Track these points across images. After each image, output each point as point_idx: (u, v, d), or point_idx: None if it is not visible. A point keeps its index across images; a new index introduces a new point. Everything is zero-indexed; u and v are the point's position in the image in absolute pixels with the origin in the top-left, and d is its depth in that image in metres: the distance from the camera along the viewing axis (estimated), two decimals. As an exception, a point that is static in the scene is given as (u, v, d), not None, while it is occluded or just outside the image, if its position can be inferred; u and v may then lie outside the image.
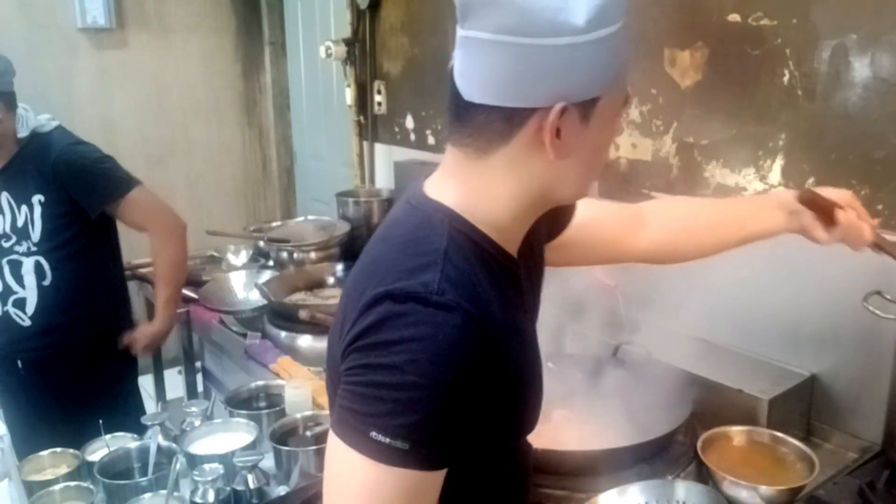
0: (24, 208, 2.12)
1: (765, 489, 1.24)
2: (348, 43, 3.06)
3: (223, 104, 4.08)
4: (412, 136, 2.88)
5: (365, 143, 3.17)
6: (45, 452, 1.59)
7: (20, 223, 2.12)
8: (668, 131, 1.93)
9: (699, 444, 1.37)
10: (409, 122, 2.88)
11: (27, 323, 2.16)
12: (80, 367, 2.21)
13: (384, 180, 3.08)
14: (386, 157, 3.07)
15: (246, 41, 4.07)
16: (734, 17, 1.72)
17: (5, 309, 2.17)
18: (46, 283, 2.14)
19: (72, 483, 1.47)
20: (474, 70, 0.81)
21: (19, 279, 2.14)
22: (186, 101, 3.95)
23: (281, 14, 4.00)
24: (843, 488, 1.31)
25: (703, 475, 1.34)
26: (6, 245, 2.14)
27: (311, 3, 3.66)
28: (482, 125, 0.82)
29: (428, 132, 2.79)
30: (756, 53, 1.69)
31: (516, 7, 0.76)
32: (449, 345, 0.75)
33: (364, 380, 0.76)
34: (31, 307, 2.16)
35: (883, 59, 1.49)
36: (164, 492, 1.39)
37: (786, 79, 1.65)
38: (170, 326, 2.38)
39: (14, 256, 2.13)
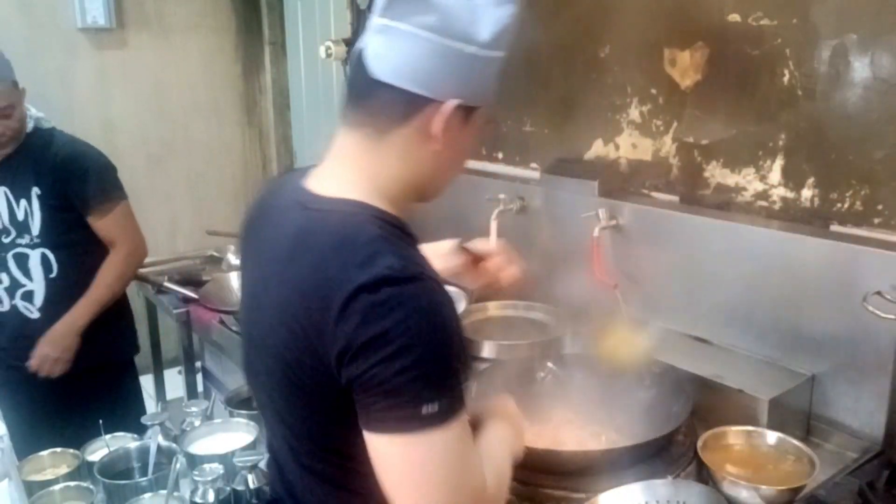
0: (22, 202, 2.13)
1: (765, 489, 1.24)
2: (348, 43, 3.05)
3: (223, 104, 4.08)
4: (412, 136, 2.88)
5: (365, 143, 3.16)
6: (45, 452, 1.58)
7: (20, 217, 2.13)
8: (668, 131, 1.93)
9: (699, 444, 1.37)
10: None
11: (35, 315, 2.18)
12: (85, 362, 2.22)
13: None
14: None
15: (246, 41, 4.07)
16: (734, 17, 1.72)
17: (13, 302, 2.17)
18: (53, 275, 2.16)
19: (72, 483, 1.47)
20: (392, 54, 0.90)
21: (26, 272, 2.15)
22: (186, 101, 3.95)
23: (281, 14, 4.00)
24: (843, 488, 1.31)
25: (703, 475, 1.34)
26: (6, 240, 2.14)
27: (311, 3, 3.66)
28: (385, 104, 0.93)
29: (428, 132, 2.79)
30: (756, 53, 1.69)
31: (439, 11, 0.89)
32: (435, 307, 0.85)
33: (388, 374, 0.82)
34: (38, 299, 2.17)
35: (883, 59, 1.49)
36: (164, 492, 1.39)
37: (786, 79, 1.65)
38: (75, 332, 2.19)
39: (19, 250, 2.14)
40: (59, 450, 1.59)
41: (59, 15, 3.53)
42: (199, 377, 2.86)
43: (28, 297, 2.17)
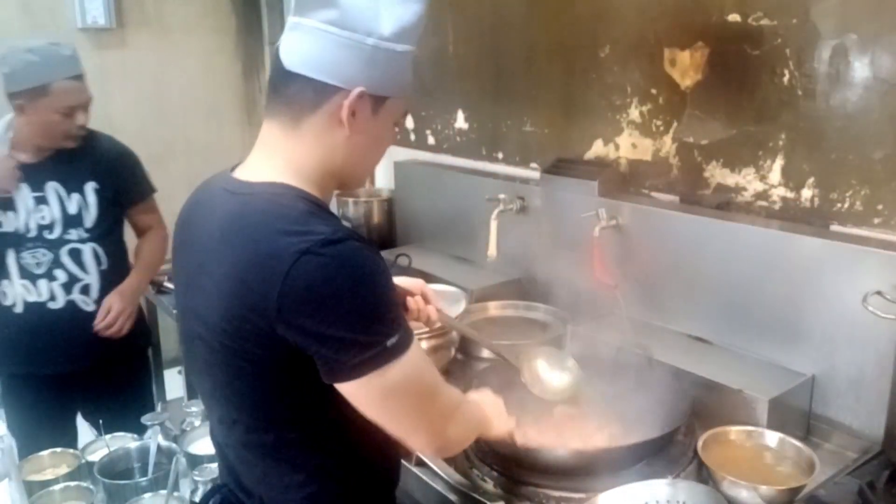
0: (75, 196, 2.14)
1: (765, 489, 1.24)
2: (348, 43, 3.05)
3: (223, 104, 4.08)
4: (412, 136, 2.88)
5: (365, 143, 3.17)
6: (45, 452, 1.59)
7: (72, 211, 2.14)
8: (668, 131, 1.93)
9: (699, 444, 1.37)
10: (409, 122, 2.88)
11: (91, 307, 2.20)
12: (123, 358, 2.31)
13: (384, 180, 3.08)
14: (386, 157, 3.04)
15: (246, 41, 4.07)
16: (734, 17, 1.72)
17: (69, 298, 2.18)
18: (104, 267, 2.21)
19: (72, 483, 1.47)
20: (300, 47, 0.99)
21: (82, 266, 2.17)
22: (186, 101, 3.95)
23: (281, 14, 4.00)
24: (843, 488, 1.31)
25: (703, 475, 1.34)
26: (54, 235, 2.14)
27: (311, 3, 3.66)
28: (297, 93, 1.00)
29: (428, 132, 2.79)
30: (756, 53, 1.69)
31: (340, 7, 0.97)
32: (369, 259, 0.94)
33: (348, 324, 0.92)
34: (94, 292, 2.20)
35: (883, 59, 1.49)
36: (164, 492, 1.39)
37: (786, 79, 1.65)
38: (139, 293, 2.36)
39: (72, 245, 2.16)
40: (59, 450, 1.59)
41: (59, 15, 3.53)
42: (199, 377, 2.86)
43: (86, 290, 2.19)
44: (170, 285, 2.69)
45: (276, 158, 1.04)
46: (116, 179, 2.23)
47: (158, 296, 2.73)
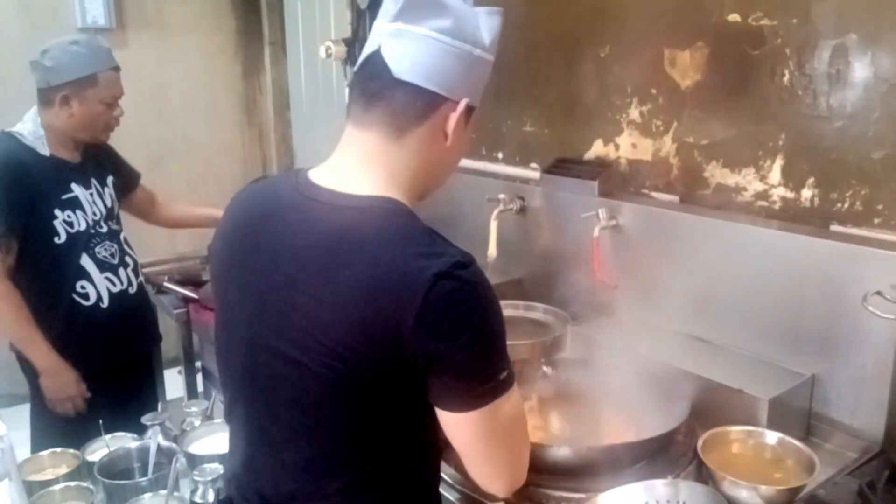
0: (106, 190, 2.24)
1: (765, 489, 1.24)
2: (348, 43, 3.05)
3: (223, 104, 4.08)
4: (412, 136, 2.88)
5: (365, 144, 3.16)
6: (45, 452, 1.58)
7: (108, 204, 2.23)
8: (668, 131, 1.93)
9: (699, 444, 1.37)
10: (409, 122, 2.88)
11: (134, 290, 2.27)
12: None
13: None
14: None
15: (246, 41, 4.07)
16: (734, 17, 1.72)
17: (139, 280, 2.29)
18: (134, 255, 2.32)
19: (72, 483, 1.47)
20: (411, 55, 0.95)
21: (133, 250, 2.29)
22: (186, 102, 3.95)
23: (281, 14, 4.00)
24: (843, 488, 1.31)
25: (703, 475, 1.34)
26: (105, 228, 2.18)
27: (311, 3, 3.66)
28: (406, 103, 0.97)
29: (428, 132, 2.79)
30: (756, 53, 1.69)
31: (453, 15, 0.95)
32: (488, 284, 0.94)
33: (474, 352, 0.91)
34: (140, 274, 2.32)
35: (883, 59, 1.49)
36: (164, 492, 1.39)
37: (786, 79, 1.65)
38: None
39: (120, 233, 2.25)
40: (59, 450, 1.59)
41: (59, 15, 3.53)
42: (199, 377, 2.86)
43: (136, 271, 2.29)
44: (170, 285, 2.68)
45: (379, 170, 0.99)
46: (120, 168, 2.35)
47: (158, 296, 2.72)
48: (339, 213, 0.96)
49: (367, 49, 0.99)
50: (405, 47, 0.95)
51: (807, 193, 1.66)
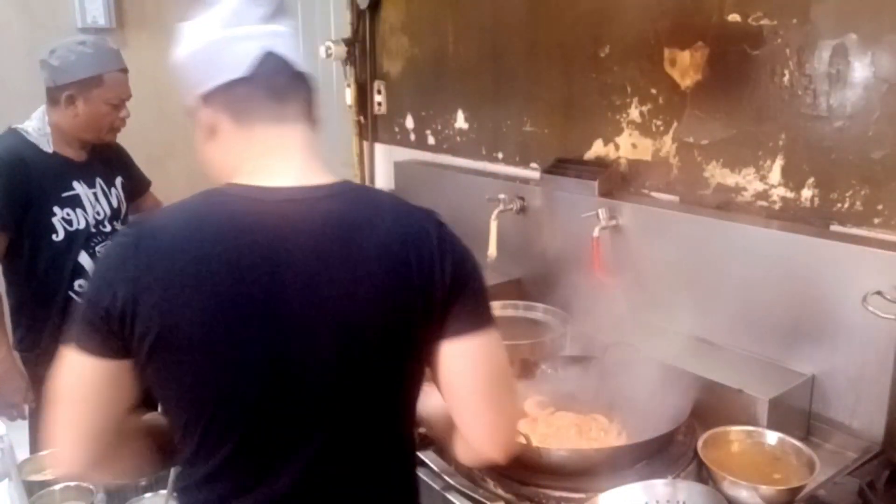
0: (113, 190, 2.24)
1: (765, 489, 1.24)
2: (348, 43, 3.05)
3: (223, 104, 4.07)
4: (412, 136, 2.88)
5: (365, 143, 3.17)
6: (45, 452, 1.58)
7: (115, 205, 2.23)
8: (668, 131, 1.93)
9: (699, 444, 1.37)
10: (409, 122, 2.88)
11: None
12: None
13: (384, 180, 3.08)
14: (386, 157, 3.07)
15: (246, 41, 4.06)
16: (734, 17, 1.72)
17: None
18: None
19: (72, 483, 1.47)
20: (294, 50, 1.03)
21: None
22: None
23: (281, 14, 3.99)
24: (843, 488, 1.31)
25: (703, 475, 1.34)
26: (109, 229, 2.18)
27: (311, 3, 3.65)
28: (308, 92, 1.06)
29: (428, 132, 2.79)
30: (756, 53, 1.69)
31: (295, 17, 0.99)
32: None
33: (479, 272, 1.03)
34: None
35: (883, 59, 1.49)
36: (164, 492, 1.38)
37: (786, 79, 1.65)
38: None
39: None
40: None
41: (59, 15, 3.52)
42: (199, 377, 2.86)
43: None
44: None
45: (317, 159, 1.03)
46: (130, 171, 2.37)
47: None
48: (321, 205, 0.97)
49: (251, 52, 0.98)
50: (290, 43, 1.03)
51: (807, 193, 1.66)
